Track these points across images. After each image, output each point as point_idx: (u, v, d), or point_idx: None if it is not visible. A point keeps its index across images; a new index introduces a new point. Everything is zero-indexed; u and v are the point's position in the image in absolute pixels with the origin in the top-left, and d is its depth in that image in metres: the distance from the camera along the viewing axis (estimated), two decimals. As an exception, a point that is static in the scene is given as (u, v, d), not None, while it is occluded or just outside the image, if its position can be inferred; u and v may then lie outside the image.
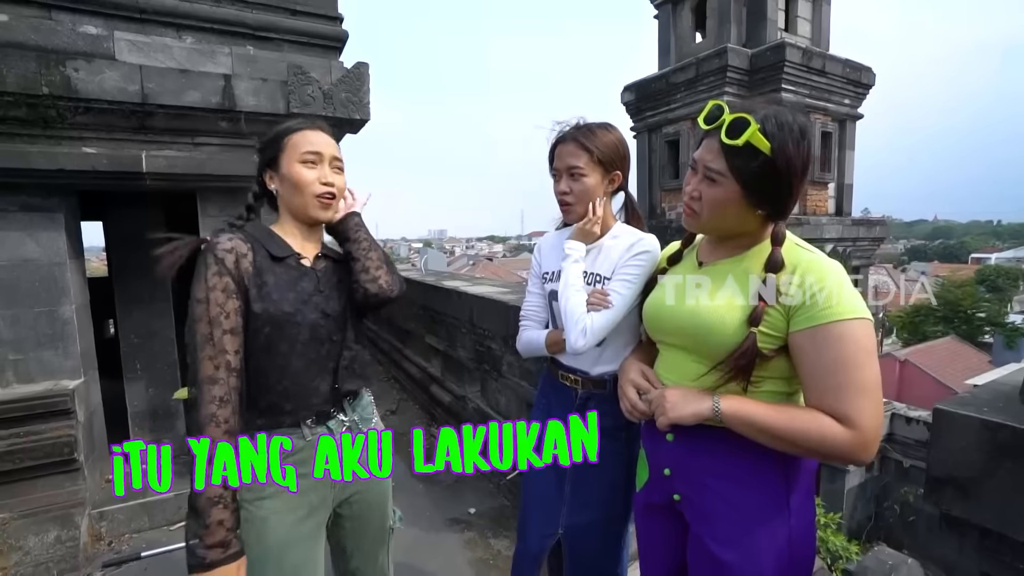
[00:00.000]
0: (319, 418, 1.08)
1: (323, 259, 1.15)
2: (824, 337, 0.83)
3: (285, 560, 1.02)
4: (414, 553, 2.26)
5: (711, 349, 0.93)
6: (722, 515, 0.95)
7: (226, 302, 0.97)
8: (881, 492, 6.24)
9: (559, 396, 1.38)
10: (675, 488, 1.02)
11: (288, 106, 2.44)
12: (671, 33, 7.56)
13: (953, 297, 20.85)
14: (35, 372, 2.32)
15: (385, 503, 1.26)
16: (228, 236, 1.03)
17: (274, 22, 2.54)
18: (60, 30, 2.14)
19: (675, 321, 1.00)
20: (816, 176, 6.81)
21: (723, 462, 0.95)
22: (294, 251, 1.10)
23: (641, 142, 7.90)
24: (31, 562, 2.09)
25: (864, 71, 6.96)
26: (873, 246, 7.45)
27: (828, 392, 0.83)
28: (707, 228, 0.99)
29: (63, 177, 2.22)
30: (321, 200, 1.08)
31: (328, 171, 1.10)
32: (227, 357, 0.96)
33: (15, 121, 2.09)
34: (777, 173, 0.85)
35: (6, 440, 2.16)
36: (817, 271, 0.86)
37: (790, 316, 0.86)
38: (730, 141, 0.85)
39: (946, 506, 1.08)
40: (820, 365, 0.83)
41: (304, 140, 1.08)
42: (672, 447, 1.01)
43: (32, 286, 2.29)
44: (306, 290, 1.07)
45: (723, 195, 0.90)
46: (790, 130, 0.85)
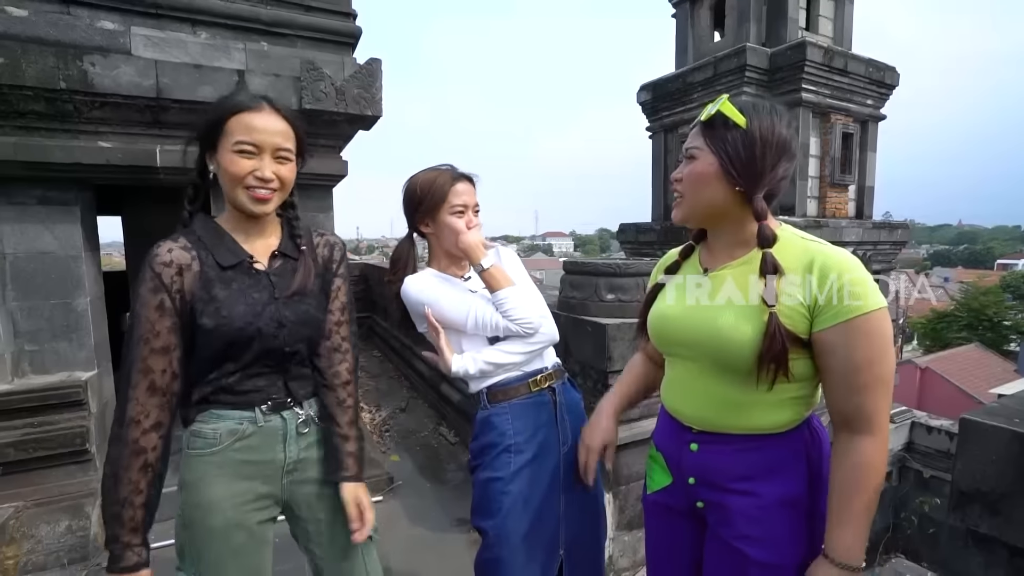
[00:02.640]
0: (273, 407, 1.04)
1: (279, 258, 1.06)
2: (855, 332, 0.82)
3: (231, 540, 1.01)
4: (419, 554, 2.25)
5: (732, 361, 0.90)
6: (751, 516, 0.94)
7: (158, 320, 0.94)
8: (900, 502, 6.08)
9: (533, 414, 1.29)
10: (699, 495, 1.01)
11: (300, 102, 2.44)
12: (689, 32, 7.45)
13: (978, 304, 20.28)
14: (50, 363, 2.35)
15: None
16: (169, 246, 0.96)
17: (288, 18, 2.55)
18: (78, 25, 2.17)
19: (685, 331, 0.98)
20: (836, 178, 6.65)
21: (752, 467, 0.95)
22: (244, 254, 1.02)
23: (657, 142, 7.80)
24: (43, 551, 2.12)
25: (888, 71, 6.78)
26: (894, 250, 7.25)
27: (856, 391, 0.84)
28: (692, 210, 0.97)
29: (79, 171, 2.25)
30: (252, 193, 0.97)
31: (268, 162, 0.97)
32: (151, 377, 0.94)
33: (33, 115, 2.12)
34: (752, 143, 0.87)
35: (20, 430, 2.20)
36: (836, 266, 0.85)
37: (815, 314, 0.85)
38: (706, 117, 0.91)
39: (973, 522, 1.01)
40: (852, 361, 0.83)
41: (240, 125, 0.95)
42: (697, 457, 1.00)
43: (48, 278, 2.32)
44: (259, 300, 1.00)
45: (701, 168, 0.92)
46: (764, 108, 0.89)
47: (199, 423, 1.02)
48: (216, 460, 1.01)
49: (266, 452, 1.04)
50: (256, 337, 0.99)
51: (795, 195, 6.36)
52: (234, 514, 1.01)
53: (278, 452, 1.05)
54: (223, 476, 1.01)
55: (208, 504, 1.00)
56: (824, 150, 6.64)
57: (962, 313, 20.56)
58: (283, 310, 1.02)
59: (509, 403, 1.28)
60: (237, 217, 1.03)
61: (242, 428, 1.01)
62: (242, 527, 1.02)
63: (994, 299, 20.88)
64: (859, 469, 0.84)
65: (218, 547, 1.00)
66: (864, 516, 0.84)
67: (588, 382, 2.25)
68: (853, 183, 6.96)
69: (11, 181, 2.21)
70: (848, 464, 0.85)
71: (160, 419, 0.95)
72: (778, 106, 0.91)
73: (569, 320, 2.35)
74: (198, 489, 1.00)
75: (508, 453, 1.25)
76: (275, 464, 1.05)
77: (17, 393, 2.21)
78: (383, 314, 6.34)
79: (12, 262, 2.27)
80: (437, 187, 1.30)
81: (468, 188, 1.33)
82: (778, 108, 0.91)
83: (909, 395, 12.82)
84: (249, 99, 0.98)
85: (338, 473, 1.09)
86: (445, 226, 1.30)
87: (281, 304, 1.02)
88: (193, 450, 1.02)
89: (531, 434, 1.27)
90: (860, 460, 0.84)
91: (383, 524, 2.46)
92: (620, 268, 2.25)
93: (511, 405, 1.28)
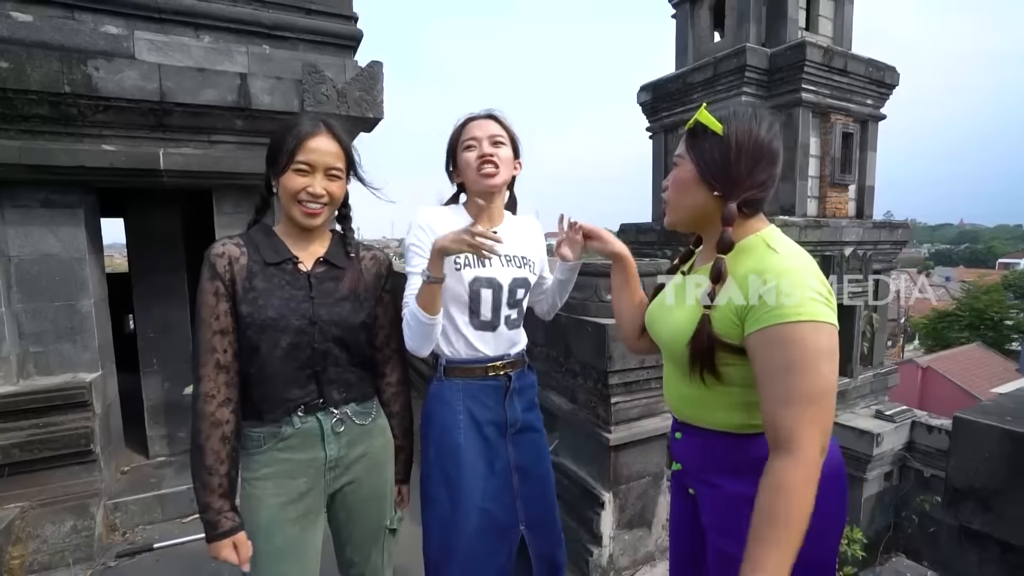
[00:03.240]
0: (308, 409, 1.11)
1: (323, 264, 1.15)
2: (775, 340, 0.79)
3: (272, 541, 1.07)
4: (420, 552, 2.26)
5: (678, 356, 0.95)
6: (728, 511, 0.95)
7: (216, 304, 1.04)
8: (900, 502, 6.09)
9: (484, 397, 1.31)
10: (687, 482, 1.06)
11: (302, 104, 2.46)
12: (689, 33, 7.47)
13: (980, 303, 20.25)
14: (54, 364, 2.37)
15: (382, 501, 1.26)
16: (224, 242, 1.08)
17: (290, 21, 2.57)
18: (82, 30, 2.19)
19: (656, 329, 1.05)
20: (836, 178, 6.67)
21: (713, 460, 0.97)
22: (290, 255, 1.11)
23: (657, 143, 7.82)
24: (48, 550, 2.14)
25: (888, 71, 6.79)
26: (895, 250, 7.26)
27: (773, 401, 0.80)
28: (677, 215, 1.00)
29: (83, 174, 2.27)
30: (303, 208, 1.08)
31: (320, 179, 1.09)
32: (216, 356, 1.04)
33: (38, 119, 2.15)
34: (727, 149, 0.88)
35: (26, 431, 2.22)
36: (777, 273, 0.82)
37: (744, 318, 0.84)
38: (688, 125, 0.95)
39: (966, 519, 1.03)
40: (767, 370, 0.80)
41: (301, 149, 1.07)
42: (681, 444, 1.04)
43: (52, 280, 2.34)
44: (295, 296, 1.09)
45: (682, 174, 0.95)
46: (744, 115, 0.90)
47: (248, 427, 1.10)
48: (263, 459, 1.09)
49: (307, 451, 1.11)
50: (287, 330, 1.06)
51: (795, 195, 6.37)
52: (277, 514, 1.08)
53: (318, 451, 1.12)
54: (270, 473, 1.09)
55: (258, 499, 1.08)
56: (824, 150, 6.65)
57: (964, 313, 20.52)
58: (318, 309, 1.09)
59: (464, 381, 1.30)
60: (290, 227, 1.14)
61: (281, 431, 1.09)
62: (284, 527, 1.09)
63: (996, 298, 20.84)
64: (773, 492, 0.77)
65: (259, 545, 1.07)
66: (776, 549, 0.75)
67: (588, 382, 2.27)
68: (853, 183, 6.97)
69: (16, 184, 2.23)
70: (764, 486, 0.79)
71: (229, 395, 1.05)
72: (762, 112, 0.92)
73: (569, 320, 2.36)
74: (250, 483, 1.09)
75: (457, 429, 1.28)
76: (317, 462, 1.12)
77: (23, 394, 2.23)
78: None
79: (17, 264, 2.29)
80: (455, 132, 1.32)
81: (481, 123, 1.30)
82: (760, 114, 0.91)
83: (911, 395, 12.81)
84: (311, 125, 1.08)
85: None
86: (462, 165, 1.30)
87: (316, 303, 1.10)
88: (246, 451, 1.11)
89: (479, 413, 1.30)
90: (775, 482, 0.77)
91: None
92: (619, 269, 2.26)
93: (465, 383, 1.30)
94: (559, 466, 2.44)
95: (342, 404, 1.15)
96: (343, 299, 1.13)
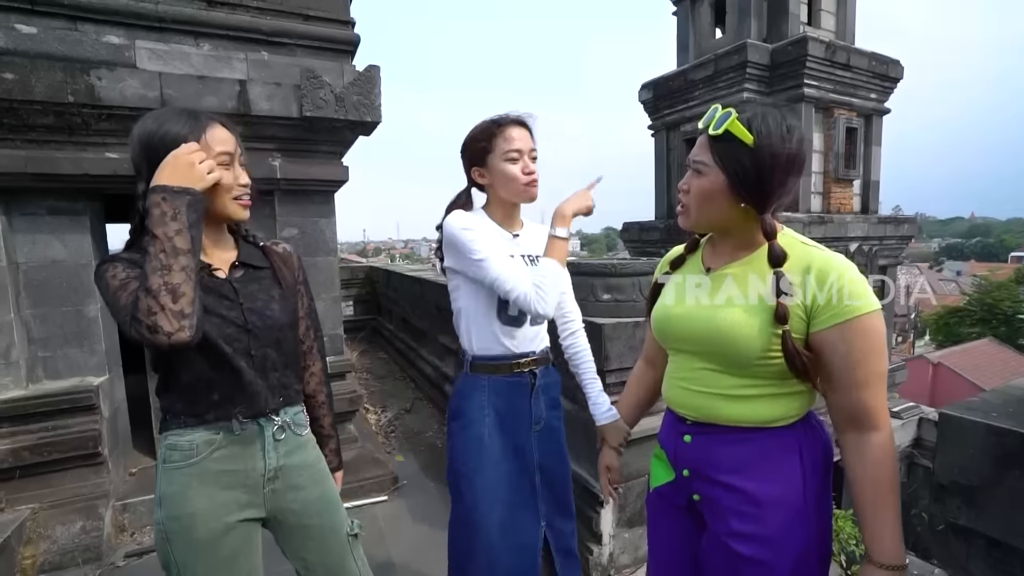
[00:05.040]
0: (248, 415, 1.04)
1: (240, 268, 1.07)
2: (852, 332, 0.85)
3: (218, 552, 1.01)
4: (424, 553, 2.28)
5: (737, 357, 0.93)
6: (742, 513, 0.95)
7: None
8: (909, 499, 6.02)
9: (510, 393, 1.34)
10: (694, 488, 1.02)
11: (301, 109, 2.49)
12: (690, 30, 7.44)
13: (992, 298, 19.98)
14: (62, 369, 2.42)
15: (336, 508, 1.19)
16: (112, 263, 0.93)
17: (287, 27, 2.60)
18: (84, 40, 2.23)
19: (689, 328, 1.00)
20: (840, 173, 6.61)
21: (743, 461, 0.96)
22: (202, 264, 1.00)
23: (659, 140, 7.80)
24: (58, 551, 2.18)
25: (892, 64, 6.72)
26: (901, 245, 7.19)
27: (857, 387, 0.86)
28: (697, 222, 0.99)
29: (88, 181, 2.32)
30: (241, 202, 1.02)
31: (238, 168, 1.02)
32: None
33: (43, 128, 2.19)
34: (759, 164, 0.87)
35: (35, 434, 2.27)
36: (835, 268, 0.88)
37: (811, 315, 0.88)
38: (714, 132, 0.90)
39: (952, 515, 1.03)
40: (850, 359, 0.86)
41: (216, 139, 0.98)
42: (691, 448, 1.02)
43: (59, 286, 2.39)
44: (219, 306, 1.00)
45: (709, 185, 0.92)
46: (775, 124, 0.88)
47: (174, 436, 1.01)
48: (195, 471, 1.00)
49: (245, 461, 1.03)
50: (221, 340, 0.99)
51: (798, 191, 6.33)
52: (217, 525, 1.01)
53: (257, 460, 1.04)
54: (203, 487, 1.00)
55: (190, 516, 0.99)
56: (827, 145, 6.60)
57: (975, 307, 20.27)
58: (248, 315, 1.03)
59: (489, 377, 1.32)
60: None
61: (218, 438, 1.01)
62: (228, 535, 1.02)
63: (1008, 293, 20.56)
64: (877, 466, 0.86)
65: (207, 558, 1.00)
66: (893, 512, 0.86)
67: (586, 381, 2.28)
68: (858, 178, 6.91)
69: (22, 193, 2.28)
70: (865, 463, 0.87)
71: None
72: (789, 118, 0.91)
73: (567, 320, 2.38)
74: (178, 502, 0.99)
75: (482, 424, 1.31)
76: (255, 473, 1.04)
77: (32, 398, 2.28)
78: (388, 316, 6.40)
79: (25, 271, 2.34)
80: (488, 134, 1.29)
81: (522, 133, 1.30)
82: (788, 122, 0.90)
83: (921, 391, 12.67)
84: (206, 119, 0.99)
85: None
86: (499, 173, 1.29)
87: (246, 309, 1.03)
88: (171, 463, 1.01)
89: (504, 409, 1.32)
90: (876, 456, 0.86)
91: (388, 523, 2.51)
92: (615, 268, 2.27)
93: (491, 380, 1.32)
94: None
95: (281, 410, 1.09)
96: (271, 300, 1.07)
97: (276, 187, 2.62)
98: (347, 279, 6.76)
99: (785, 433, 0.95)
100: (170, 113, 0.97)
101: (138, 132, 0.95)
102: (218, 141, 0.97)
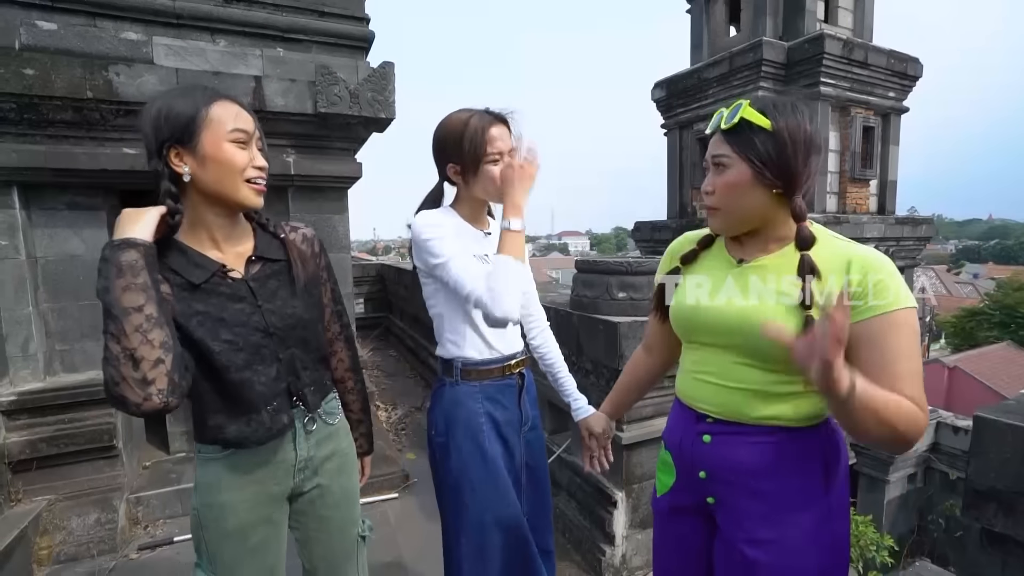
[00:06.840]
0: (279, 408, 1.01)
1: (257, 262, 1.00)
2: (895, 324, 0.84)
3: (247, 541, 1.02)
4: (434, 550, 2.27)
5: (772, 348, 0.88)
6: (760, 516, 0.93)
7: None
8: (925, 504, 5.92)
9: (502, 397, 1.30)
10: (710, 491, 0.99)
11: (315, 106, 2.49)
12: (704, 27, 7.37)
13: (1011, 301, 19.60)
14: (79, 362, 2.44)
15: (353, 505, 1.19)
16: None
17: (303, 24, 2.60)
18: (103, 36, 2.25)
19: (721, 321, 0.96)
20: (857, 173, 6.52)
21: (766, 463, 0.93)
22: (216, 266, 0.94)
23: (672, 139, 7.74)
24: (74, 542, 2.20)
25: (911, 62, 6.61)
26: (919, 246, 7.07)
27: (900, 378, 0.84)
28: (729, 222, 0.95)
29: (105, 176, 2.34)
30: (254, 186, 0.95)
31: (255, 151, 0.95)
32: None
33: (62, 124, 2.21)
34: (781, 145, 0.86)
35: (52, 426, 2.29)
36: (874, 263, 0.87)
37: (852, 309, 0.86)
38: (727, 125, 0.90)
39: (988, 521, 1.00)
40: (892, 352, 0.84)
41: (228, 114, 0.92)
42: (710, 448, 0.99)
43: (77, 280, 2.41)
44: (240, 313, 0.95)
45: (735, 178, 0.90)
46: (785, 106, 0.88)
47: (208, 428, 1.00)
48: (227, 463, 1.00)
49: (276, 453, 1.03)
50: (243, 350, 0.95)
51: (814, 191, 6.25)
52: (248, 516, 1.02)
53: (288, 452, 1.04)
54: (235, 478, 1.01)
55: (221, 506, 1.00)
56: (844, 144, 6.51)
57: (994, 310, 19.91)
58: (269, 317, 0.98)
59: (481, 383, 1.27)
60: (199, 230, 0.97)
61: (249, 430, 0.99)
62: (256, 528, 1.03)
63: (1027, 296, 20.15)
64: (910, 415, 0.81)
65: (234, 548, 1.01)
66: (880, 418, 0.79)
67: (600, 380, 2.25)
68: (875, 178, 6.81)
69: (42, 188, 2.31)
70: (905, 404, 0.81)
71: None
72: (798, 101, 0.90)
73: (581, 318, 2.35)
74: (212, 491, 1.01)
75: (481, 433, 1.26)
76: (286, 464, 1.05)
77: (49, 391, 2.31)
78: (399, 314, 6.41)
79: (43, 265, 2.36)
80: (471, 134, 1.20)
81: (503, 132, 1.23)
82: (798, 104, 0.90)
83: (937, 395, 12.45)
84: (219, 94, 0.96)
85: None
86: (484, 176, 1.22)
87: (265, 311, 0.98)
88: (205, 453, 1.02)
89: (499, 414, 1.29)
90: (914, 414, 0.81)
91: (399, 520, 2.50)
92: (631, 266, 2.24)
93: (482, 385, 1.28)
94: (572, 465, 2.44)
95: (313, 403, 1.07)
96: (292, 297, 1.02)
97: (290, 183, 2.63)
98: (358, 277, 6.79)
99: (808, 436, 0.93)
100: (178, 90, 0.96)
101: (146, 111, 0.94)
102: (230, 117, 0.91)
